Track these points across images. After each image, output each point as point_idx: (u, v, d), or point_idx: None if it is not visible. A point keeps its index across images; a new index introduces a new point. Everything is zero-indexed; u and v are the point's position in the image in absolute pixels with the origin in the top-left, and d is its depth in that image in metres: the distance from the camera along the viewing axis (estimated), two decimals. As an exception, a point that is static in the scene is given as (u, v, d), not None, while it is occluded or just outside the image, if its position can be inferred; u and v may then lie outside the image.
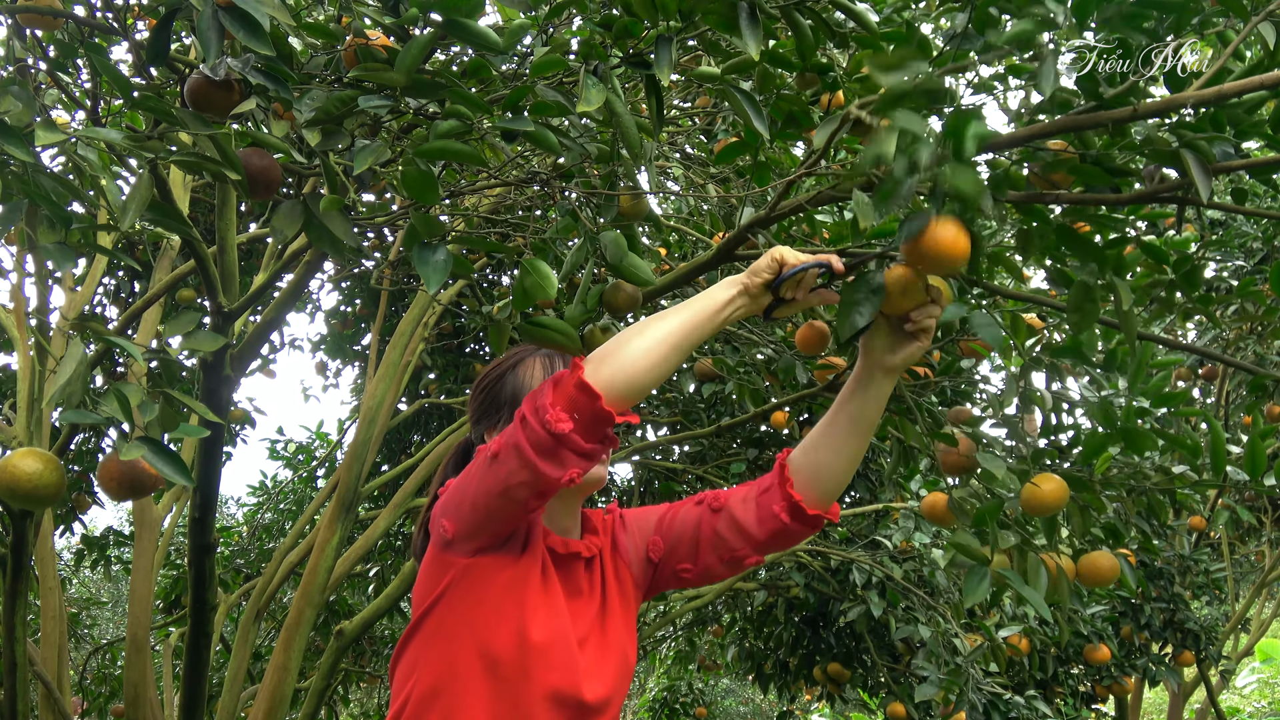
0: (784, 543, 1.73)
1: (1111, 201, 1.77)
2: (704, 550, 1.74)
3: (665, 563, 1.78)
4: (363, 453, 4.76)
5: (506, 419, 1.71)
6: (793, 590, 5.62)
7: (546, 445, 1.43)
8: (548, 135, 1.70)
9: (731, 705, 13.57)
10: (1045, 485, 2.27)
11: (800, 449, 1.72)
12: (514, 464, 1.46)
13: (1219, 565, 6.49)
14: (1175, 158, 1.69)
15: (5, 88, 1.63)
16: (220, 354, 2.95)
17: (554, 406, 1.43)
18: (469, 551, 1.58)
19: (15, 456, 1.67)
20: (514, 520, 1.56)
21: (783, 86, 2.20)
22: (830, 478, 1.68)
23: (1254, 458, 2.15)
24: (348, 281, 7.12)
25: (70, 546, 9.69)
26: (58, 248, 1.55)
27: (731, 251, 2.69)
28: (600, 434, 1.46)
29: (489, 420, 1.75)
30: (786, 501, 1.68)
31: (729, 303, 1.53)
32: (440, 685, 1.57)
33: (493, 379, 1.76)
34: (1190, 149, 1.66)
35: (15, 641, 3.68)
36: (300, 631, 4.44)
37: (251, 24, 1.53)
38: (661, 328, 1.49)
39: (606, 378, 1.44)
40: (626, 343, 1.47)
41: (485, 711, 1.54)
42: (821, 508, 1.69)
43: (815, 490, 1.68)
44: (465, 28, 1.62)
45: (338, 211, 1.67)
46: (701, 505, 1.76)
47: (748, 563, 1.75)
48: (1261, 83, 1.62)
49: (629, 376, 1.45)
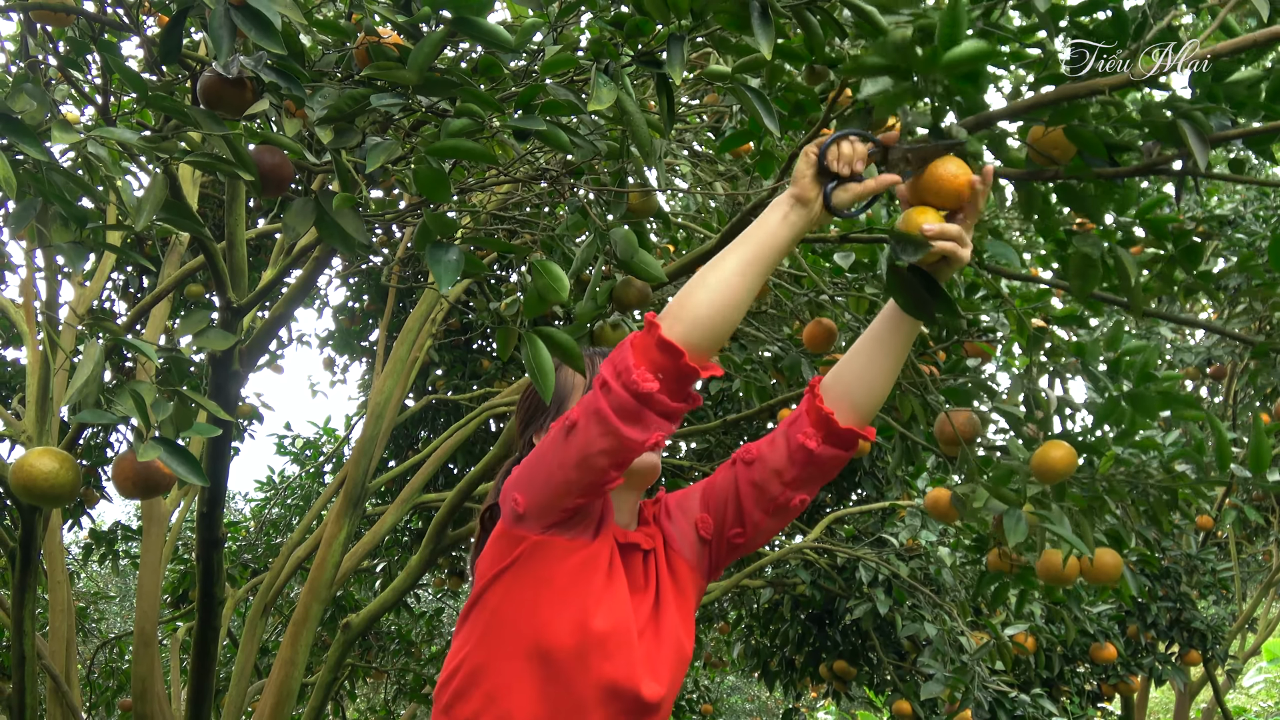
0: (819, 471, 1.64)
1: (1109, 175, 1.77)
2: (747, 508, 1.67)
3: (718, 537, 1.71)
4: (370, 448, 4.78)
5: (553, 418, 1.72)
6: (799, 588, 5.63)
7: (630, 408, 1.41)
8: (559, 134, 1.70)
9: (737, 702, 13.59)
10: (1055, 451, 2.27)
11: (833, 370, 1.65)
12: (595, 431, 1.43)
13: (1226, 564, 6.49)
14: (1172, 130, 1.69)
15: (18, 85, 1.63)
16: (229, 350, 2.96)
17: (638, 367, 1.40)
18: (541, 528, 1.55)
19: (32, 455, 1.67)
20: (591, 493, 1.51)
21: (791, 79, 2.20)
22: (864, 391, 1.60)
23: (1258, 453, 2.15)
24: (356, 277, 7.13)
25: (78, 541, 9.71)
26: (71, 246, 1.55)
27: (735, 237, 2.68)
28: (686, 392, 1.43)
29: (536, 425, 1.76)
30: (816, 418, 1.61)
31: (784, 218, 1.47)
32: (489, 665, 1.54)
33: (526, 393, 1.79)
34: (1187, 119, 1.66)
35: (24, 635, 3.69)
36: (307, 626, 4.45)
37: (263, 22, 1.53)
38: (725, 268, 1.45)
39: (683, 331, 1.41)
40: (694, 293, 1.44)
41: (533, 699, 1.51)
42: (856, 423, 1.61)
43: (848, 404, 1.61)
44: (476, 25, 1.62)
45: (349, 209, 1.67)
46: (735, 464, 1.70)
47: (793, 504, 1.66)
48: (1254, 40, 1.62)
49: (708, 327, 1.43)
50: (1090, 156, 1.75)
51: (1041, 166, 1.81)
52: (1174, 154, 1.76)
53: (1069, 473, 2.27)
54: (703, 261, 2.87)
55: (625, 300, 2.35)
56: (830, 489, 5.93)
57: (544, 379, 1.53)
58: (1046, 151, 1.85)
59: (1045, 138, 1.84)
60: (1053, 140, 1.84)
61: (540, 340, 1.53)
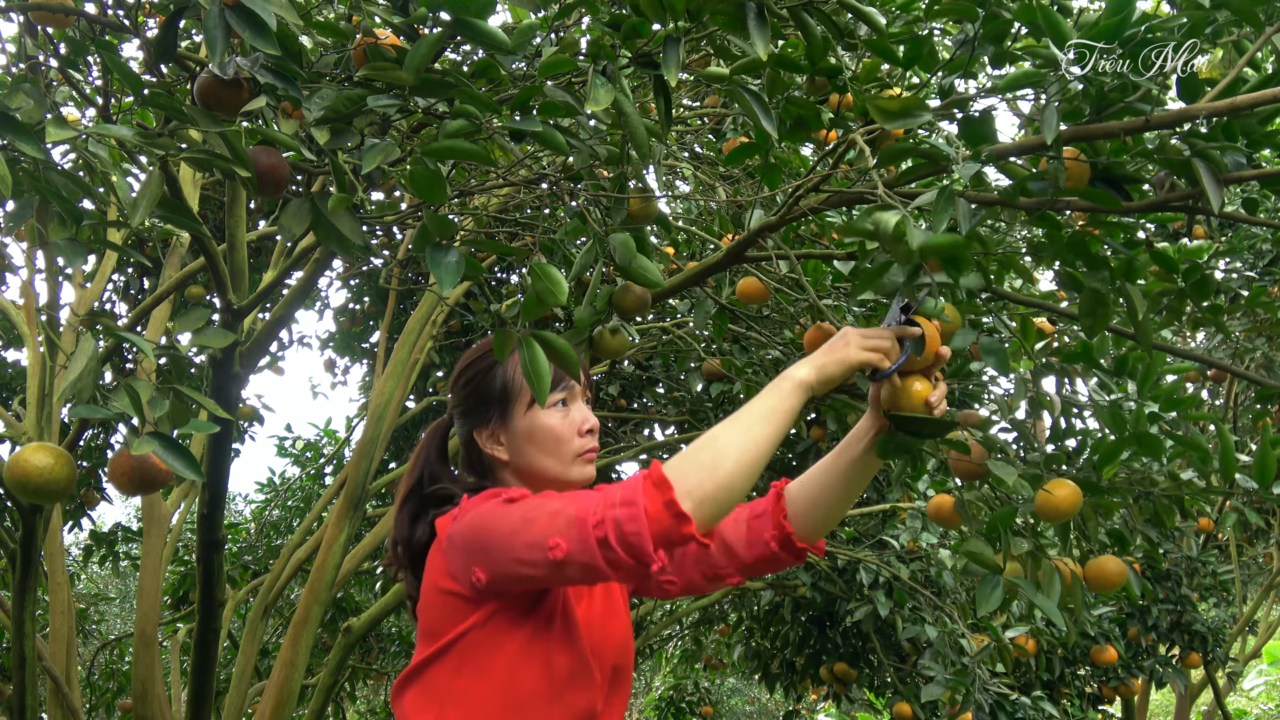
0: (767, 568, 1.76)
1: (1122, 210, 1.77)
2: (689, 562, 1.76)
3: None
4: (371, 450, 4.77)
5: (497, 419, 1.68)
6: (800, 589, 5.62)
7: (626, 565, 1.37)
8: (555, 135, 1.70)
9: (737, 704, 13.57)
10: (1059, 491, 2.24)
11: (798, 482, 1.75)
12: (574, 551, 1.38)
13: (1227, 567, 6.48)
14: (1187, 166, 1.69)
15: (17, 85, 1.64)
16: (229, 351, 2.97)
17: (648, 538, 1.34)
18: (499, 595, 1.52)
19: (26, 451, 1.67)
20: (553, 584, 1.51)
21: (791, 86, 2.20)
22: (823, 515, 1.72)
23: (1263, 466, 2.13)
24: (356, 279, 7.13)
25: (78, 542, 9.72)
26: (69, 244, 1.55)
27: (741, 254, 2.68)
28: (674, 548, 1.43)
29: (478, 418, 1.70)
30: (778, 530, 1.71)
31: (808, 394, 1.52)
32: None
33: (480, 371, 1.71)
34: (1202, 158, 1.65)
35: (24, 636, 3.70)
36: (308, 628, 4.45)
37: (258, 23, 1.53)
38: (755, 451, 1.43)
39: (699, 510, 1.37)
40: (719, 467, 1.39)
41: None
42: (809, 541, 1.73)
43: (807, 523, 1.72)
44: (474, 27, 1.62)
45: (345, 210, 1.67)
46: None
47: (729, 581, 1.76)
48: (1276, 96, 1.62)
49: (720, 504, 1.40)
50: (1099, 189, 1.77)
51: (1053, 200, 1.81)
52: (1188, 190, 1.76)
53: (1073, 513, 2.24)
54: (702, 278, 2.87)
55: (624, 306, 2.35)
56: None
57: (540, 382, 1.53)
58: None
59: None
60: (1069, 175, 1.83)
61: (537, 344, 1.53)
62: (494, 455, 1.70)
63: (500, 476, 1.72)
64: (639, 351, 5.40)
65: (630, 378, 6.18)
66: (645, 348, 5.11)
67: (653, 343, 4.99)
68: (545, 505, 1.46)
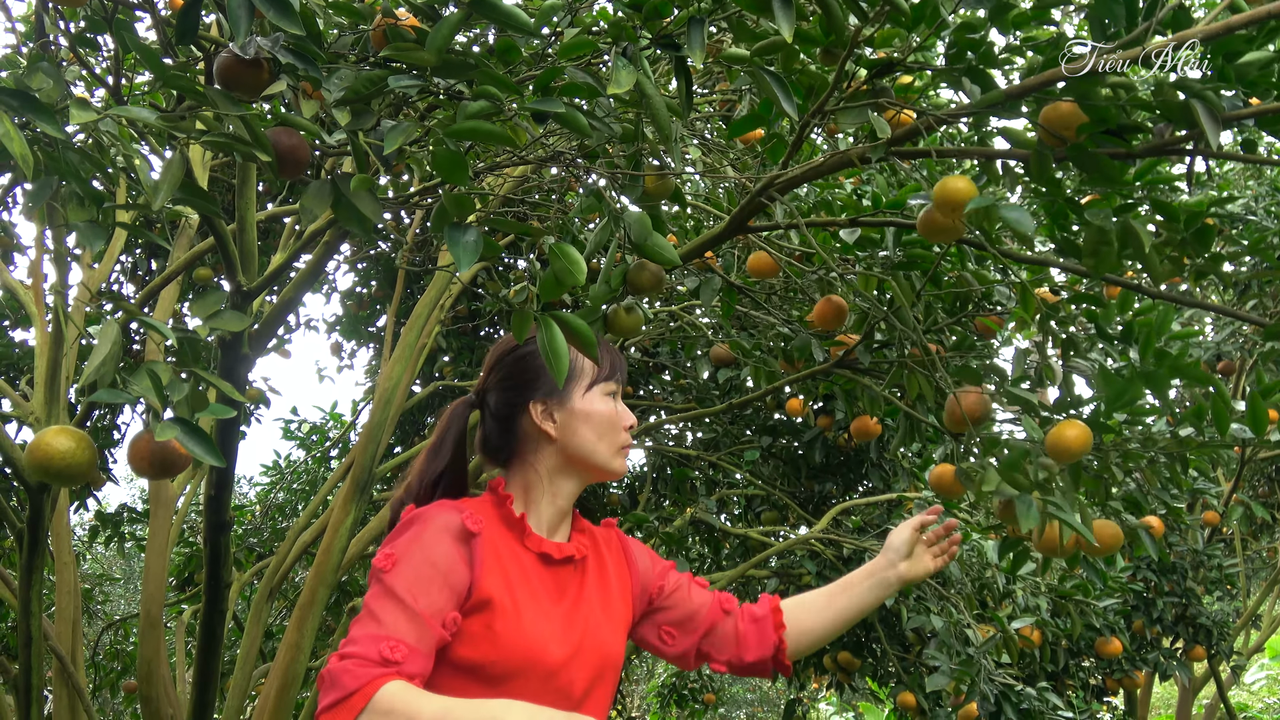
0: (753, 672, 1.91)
1: (1122, 155, 1.76)
2: (698, 634, 1.87)
3: (657, 613, 1.86)
4: (378, 434, 4.77)
5: (555, 396, 1.69)
6: (805, 579, 5.62)
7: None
8: (578, 117, 1.69)
9: (739, 692, 13.61)
10: (1069, 430, 2.23)
11: (796, 604, 1.94)
12: (334, 678, 1.38)
13: (1231, 561, 6.48)
14: (1185, 110, 1.69)
15: (35, 65, 1.62)
16: (238, 333, 2.95)
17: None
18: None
19: (49, 434, 1.66)
20: None
21: (808, 56, 2.19)
22: (810, 643, 1.94)
23: (1255, 414, 2.13)
24: (364, 263, 7.12)
25: (84, 523, 9.74)
26: (88, 225, 1.54)
27: (744, 222, 2.67)
28: None
29: (533, 391, 1.70)
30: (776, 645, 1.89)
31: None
32: None
33: (526, 348, 1.72)
34: (1199, 99, 1.65)
35: (30, 616, 3.70)
36: (313, 610, 4.45)
37: (281, 3, 1.52)
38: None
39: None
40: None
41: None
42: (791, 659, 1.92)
43: (794, 645, 1.92)
44: (494, 7, 1.60)
45: (366, 191, 1.66)
46: (714, 597, 1.91)
47: (712, 667, 1.90)
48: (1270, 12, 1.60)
49: None
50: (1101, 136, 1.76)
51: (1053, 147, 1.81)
52: (1186, 134, 1.76)
53: (1084, 452, 2.22)
54: (706, 248, 2.85)
55: (639, 283, 2.34)
56: (837, 481, 5.92)
57: (558, 362, 1.52)
58: (1056, 130, 1.85)
59: (1055, 116, 1.84)
60: (1063, 119, 1.84)
61: (555, 324, 1.52)
62: (544, 429, 1.69)
63: (538, 453, 1.71)
64: (645, 338, 5.40)
65: (637, 364, 6.18)
66: (652, 334, 5.11)
67: (660, 329, 4.98)
68: (376, 620, 1.44)
